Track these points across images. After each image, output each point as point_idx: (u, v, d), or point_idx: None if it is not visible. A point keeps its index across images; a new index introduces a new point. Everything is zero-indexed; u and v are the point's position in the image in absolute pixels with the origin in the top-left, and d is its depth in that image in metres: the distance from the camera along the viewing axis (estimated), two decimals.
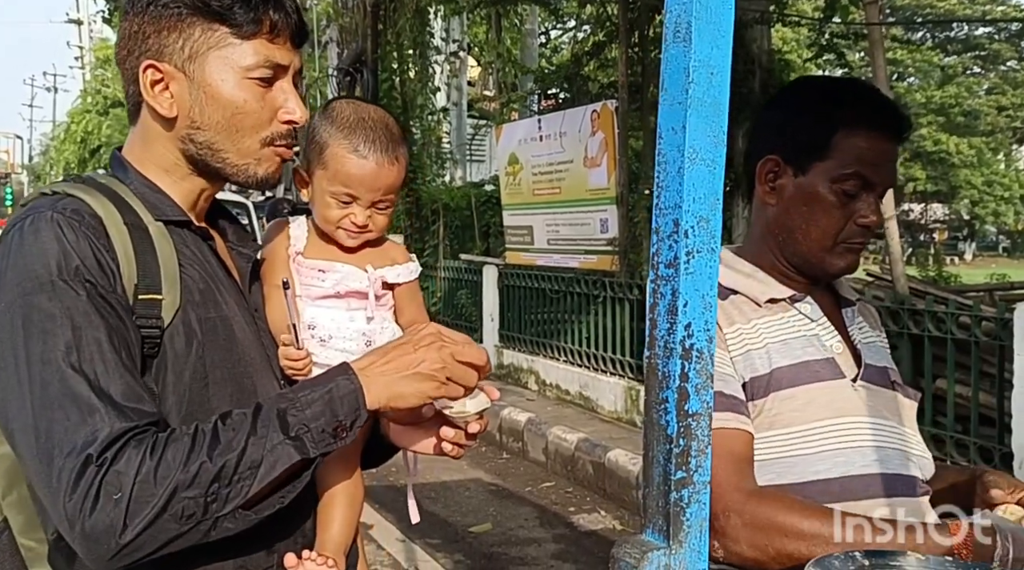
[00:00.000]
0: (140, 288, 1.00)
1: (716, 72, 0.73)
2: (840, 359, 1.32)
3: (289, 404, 0.97)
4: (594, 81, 10.20)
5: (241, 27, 1.05)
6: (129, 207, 1.05)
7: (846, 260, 1.34)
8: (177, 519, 0.89)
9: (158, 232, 1.05)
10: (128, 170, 1.11)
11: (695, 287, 0.73)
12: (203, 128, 1.08)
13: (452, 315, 9.23)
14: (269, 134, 1.10)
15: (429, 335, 1.04)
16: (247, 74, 1.06)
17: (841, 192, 1.30)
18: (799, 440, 1.26)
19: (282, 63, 1.09)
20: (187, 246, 1.09)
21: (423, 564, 4.26)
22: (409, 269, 1.29)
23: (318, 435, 0.96)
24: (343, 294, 1.23)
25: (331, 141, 1.21)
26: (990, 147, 33.63)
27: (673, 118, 0.74)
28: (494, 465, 6.05)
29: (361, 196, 1.21)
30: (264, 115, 1.09)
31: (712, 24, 0.72)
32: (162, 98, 1.07)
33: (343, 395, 0.98)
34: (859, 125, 1.30)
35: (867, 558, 0.86)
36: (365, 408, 1.00)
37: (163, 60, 1.06)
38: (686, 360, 0.73)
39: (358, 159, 1.20)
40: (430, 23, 11.46)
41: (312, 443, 0.96)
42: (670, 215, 0.74)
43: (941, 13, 28.17)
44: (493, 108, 14.74)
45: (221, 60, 1.06)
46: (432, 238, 10.19)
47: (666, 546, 0.72)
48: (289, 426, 0.95)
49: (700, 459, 0.73)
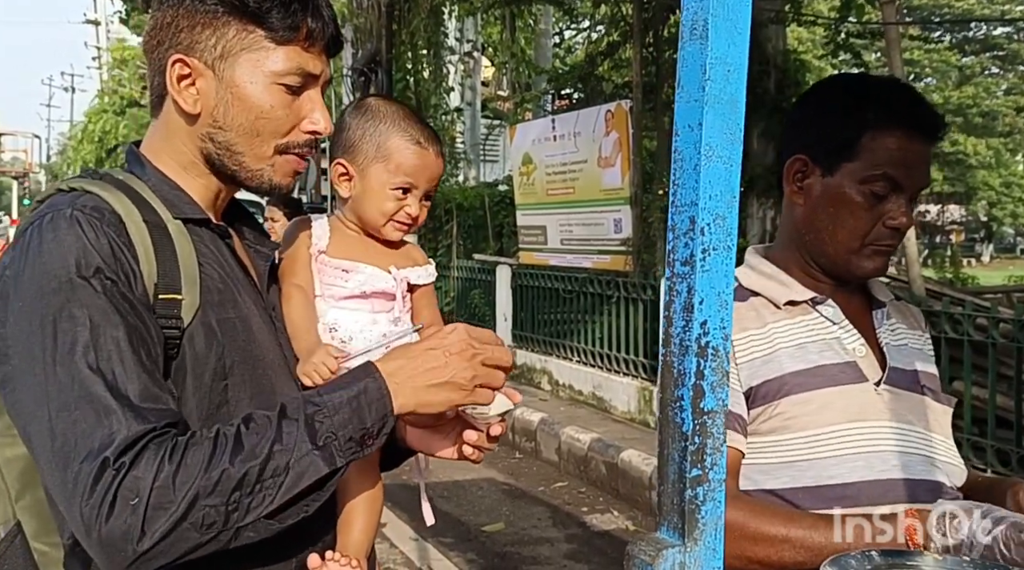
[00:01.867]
0: (160, 288, 0.98)
1: (733, 69, 0.72)
2: (863, 362, 1.30)
3: (316, 409, 0.94)
4: (608, 81, 10.18)
5: (277, 32, 1.04)
6: (148, 204, 1.03)
7: (874, 262, 1.32)
8: (197, 528, 0.87)
9: (177, 230, 1.03)
10: (145, 166, 1.09)
11: (711, 284, 0.73)
12: (225, 128, 1.06)
13: (465, 315, 9.23)
14: (287, 142, 1.08)
15: (459, 341, 1.02)
16: (277, 79, 1.05)
17: (869, 193, 1.28)
18: (814, 444, 1.25)
19: (313, 72, 1.08)
20: (205, 245, 1.07)
21: (436, 563, 4.27)
22: (428, 271, 1.31)
23: (345, 443, 0.94)
24: (368, 295, 1.23)
25: (391, 134, 1.24)
26: (1008, 148, 33.30)
27: (690, 115, 0.73)
28: (507, 465, 6.05)
29: (420, 186, 1.26)
30: (287, 123, 1.07)
31: (729, 21, 0.72)
32: (187, 93, 1.05)
33: (371, 401, 0.96)
34: (889, 125, 1.27)
35: (883, 557, 0.86)
36: (393, 415, 0.98)
37: (193, 55, 1.04)
38: (702, 358, 0.73)
39: (421, 150, 1.25)
40: (444, 23, 11.49)
41: (339, 452, 0.93)
42: (686, 212, 0.74)
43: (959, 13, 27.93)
44: (507, 108, 14.74)
45: (253, 63, 1.04)
46: (446, 238, 10.21)
47: (681, 544, 0.72)
48: (317, 434, 0.92)
49: (715, 457, 0.73)
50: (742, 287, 1.35)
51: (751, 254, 1.42)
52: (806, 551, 1.13)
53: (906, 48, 21.84)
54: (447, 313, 9.60)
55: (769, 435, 1.26)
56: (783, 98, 7.34)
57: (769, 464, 1.26)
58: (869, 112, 1.29)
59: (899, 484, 1.24)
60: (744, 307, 1.32)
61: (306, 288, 1.21)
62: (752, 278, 1.36)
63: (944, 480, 1.28)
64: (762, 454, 1.26)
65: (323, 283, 1.22)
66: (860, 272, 1.33)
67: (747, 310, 1.32)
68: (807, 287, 1.34)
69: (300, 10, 1.04)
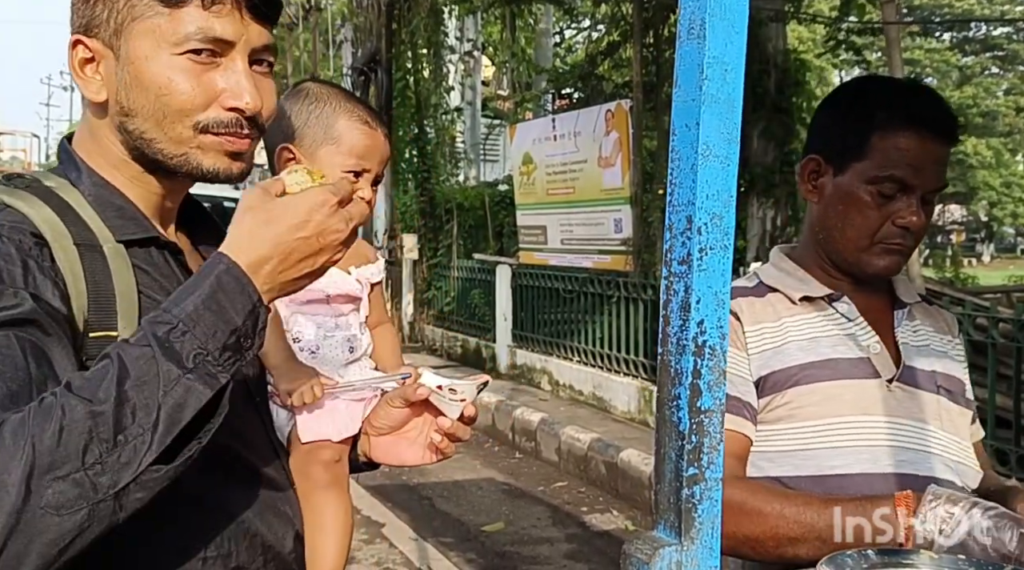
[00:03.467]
0: (91, 324, 0.85)
1: (730, 69, 0.72)
2: (877, 359, 1.32)
3: (170, 327, 0.77)
4: (608, 81, 10.18)
5: None
6: (81, 222, 0.89)
7: (884, 260, 1.32)
8: (55, 509, 0.69)
9: (114, 253, 0.90)
10: (81, 169, 0.95)
11: (708, 284, 0.73)
12: (131, 114, 0.91)
13: (465, 315, 9.24)
14: (203, 119, 0.91)
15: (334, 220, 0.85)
16: (176, 50, 0.89)
17: (877, 193, 1.29)
18: (818, 434, 1.27)
19: (223, 37, 0.90)
20: (151, 266, 0.94)
21: (435, 563, 4.27)
22: (380, 267, 1.28)
23: (220, 355, 0.78)
24: (331, 298, 1.19)
25: (339, 116, 1.19)
26: (1008, 148, 33.29)
27: (687, 114, 0.74)
28: (507, 465, 6.05)
29: (372, 168, 1.21)
30: (197, 98, 0.90)
31: (726, 20, 0.72)
32: (92, 80, 0.92)
33: (232, 294, 0.80)
34: (897, 126, 1.29)
35: (880, 556, 0.86)
36: (262, 303, 0.82)
37: (91, 35, 0.91)
38: (699, 357, 0.73)
39: (370, 130, 1.20)
40: (444, 22, 11.48)
41: (217, 366, 0.78)
42: (683, 212, 0.74)
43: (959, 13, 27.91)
44: (507, 108, 14.74)
45: (146, 34, 0.89)
46: (446, 238, 10.21)
47: (677, 542, 0.72)
48: (182, 355, 0.76)
49: (712, 455, 0.73)
50: (762, 283, 1.39)
51: (775, 252, 1.46)
52: (800, 526, 1.14)
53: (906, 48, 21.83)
54: (447, 313, 9.61)
55: (776, 423, 1.29)
56: (783, 97, 7.35)
57: (775, 452, 1.28)
58: (879, 112, 1.30)
59: (903, 479, 1.24)
60: (761, 302, 1.36)
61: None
62: (772, 275, 1.40)
63: (954, 479, 1.28)
64: (768, 442, 1.29)
65: None
66: (871, 269, 1.34)
67: (764, 305, 1.35)
68: (824, 284, 1.36)
69: None
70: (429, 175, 10.52)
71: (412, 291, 10.20)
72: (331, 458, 1.14)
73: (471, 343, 8.97)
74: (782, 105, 7.32)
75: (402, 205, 10.58)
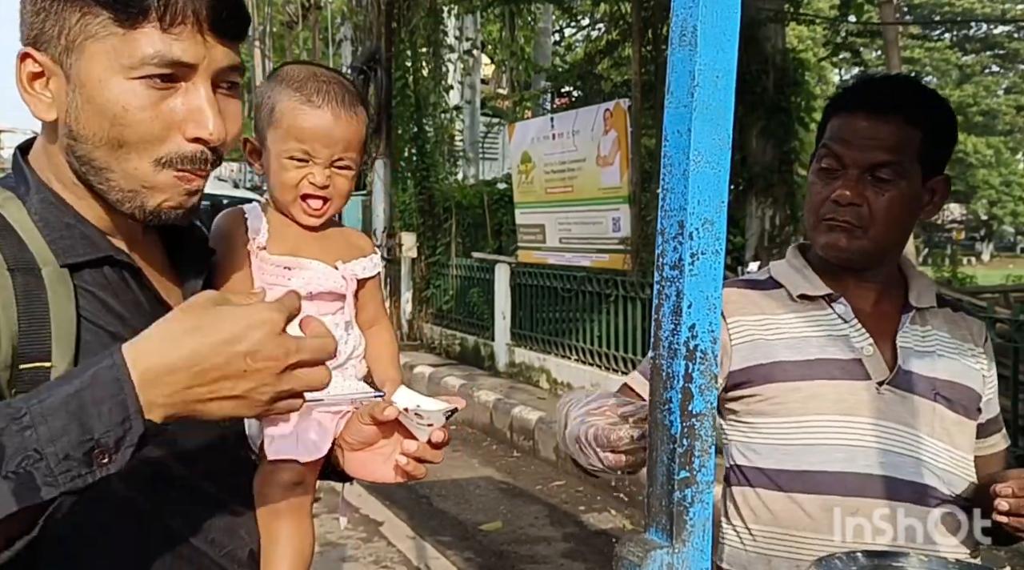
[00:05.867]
0: (23, 355, 0.78)
1: (721, 76, 0.73)
2: (869, 361, 1.32)
3: (12, 419, 0.66)
4: (607, 80, 10.19)
5: (121, 12, 0.81)
6: (20, 242, 0.83)
7: (826, 237, 1.34)
8: None
9: (53, 277, 0.83)
10: (31, 183, 0.88)
11: (700, 289, 0.74)
12: (80, 139, 0.85)
13: (464, 313, 9.24)
14: (166, 154, 0.85)
15: (273, 346, 0.72)
16: (131, 74, 0.82)
17: (820, 170, 1.35)
18: (797, 431, 1.30)
19: (184, 60, 0.83)
20: (102, 289, 0.87)
21: (433, 561, 4.28)
22: (375, 261, 1.18)
23: (58, 465, 0.65)
24: (313, 296, 1.09)
25: (281, 97, 1.09)
26: (1008, 147, 33.29)
27: (679, 121, 0.74)
28: (505, 463, 6.06)
29: (318, 153, 1.09)
30: (155, 127, 0.84)
31: (718, 28, 0.72)
32: (41, 96, 0.86)
33: (101, 398, 0.68)
34: (837, 109, 1.37)
35: (869, 558, 0.87)
36: (141, 418, 0.69)
37: (40, 49, 0.84)
38: (690, 361, 0.73)
39: (312, 109, 1.08)
40: (444, 21, 11.48)
41: (46, 478, 0.65)
42: (675, 217, 0.74)
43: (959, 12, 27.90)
44: (506, 106, 14.73)
45: (100, 55, 0.82)
46: (444, 236, 10.21)
47: (669, 545, 0.73)
48: (4, 456, 0.64)
49: (703, 459, 0.74)
50: (771, 278, 1.43)
51: (791, 248, 1.49)
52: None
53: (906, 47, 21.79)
54: (446, 311, 9.62)
55: (760, 416, 1.32)
56: (782, 97, 7.34)
57: (760, 443, 1.33)
58: (838, 101, 1.39)
59: (880, 481, 1.26)
60: (762, 296, 1.40)
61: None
62: (782, 270, 1.43)
63: (937, 486, 1.28)
64: (754, 433, 1.34)
65: (264, 283, 1.08)
66: (820, 249, 1.37)
67: (765, 299, 1.39)
68: (828, 282, 1.38)
69: None
70: (428, 173, 10.52)
71: (411, 289, 10.21)
72: (290, 480, 1.03)
73: (469, 341, 8.97)
74: (781, 104, 7.31)
75: (401, 203, 10.58)
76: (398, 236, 10.23)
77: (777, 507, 1.30)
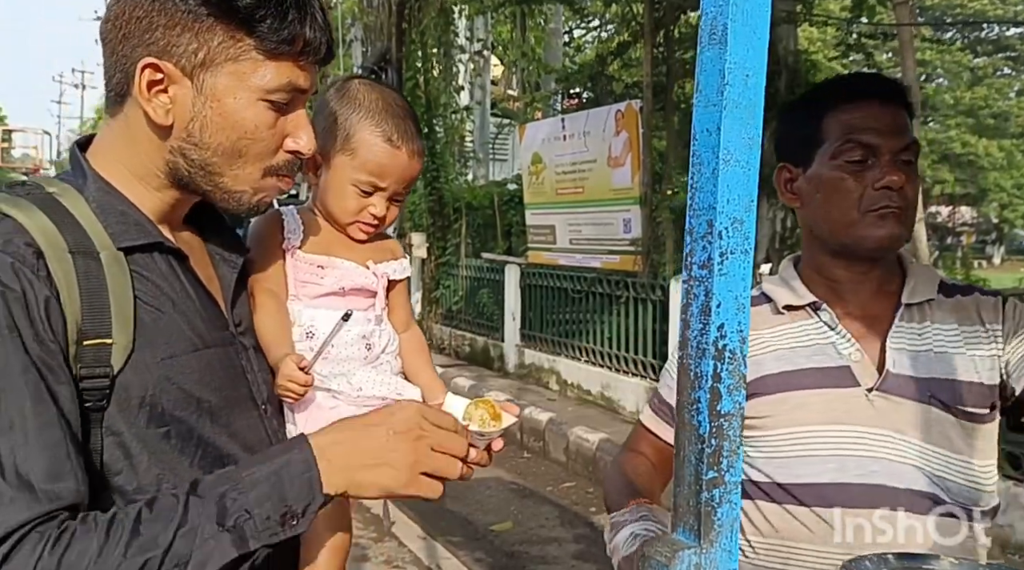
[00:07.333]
0: (85, 332, 0.86)
1: (751, 74, 0.73)
2: (857, 367, 1.29)
3: (230, 486, 0.83)
4: (618, 81, 10.18)
5: (269, 44, 0.91)
6: (79, 229, 0.90)
7: (881, 229, 1.26)
8: None
9: (111, 260, 0.90)
10: (88, 174, 0.95)
11: (728, 288, 0.73)
12: (201, 146, 0.94)
13: (474, 314, 9.25)
14: (272, 163, 0.97)
15: (406, 420, 0.91)
16: (265, 96, 0.93)
17: (846, 164, 1.28)
18: (788, 443, 1.28)
19: (303, 87, 0.96)
20: (152, 272, 0.94)
21: (444, 562, 4.28)
22: (404, 265, 1.23)
23: (262, 523, 0.83)
24: (346, 292, 1.14)
25: (361, 127, 1.13)
26: (1020, 149, 33.08)
27: (708, 120, 0.74)
28: (515, 464, 6.05)
29: (388, 187, 1.15)
30: (272, 143, 0.96)
31: (748, 27, 0.72)
32: (157, 102, 0.92)
33: (294, 476, 0.85)
34: (841, 100, 1.31)
35: (899, 561, 0.86)
36: (321, 492, 0.86)
37: (168, 59, 0.91)
38: (719, 361, 0.73)
39: (392, 149, 1.14)
40: (454, 22, 11.50)
41: (255, 531, 0.82)
42: (704, 216, 0.74)
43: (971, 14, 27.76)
44: (516, 107, 14.74)
45: (238, 75, 0.92)
46: (454, 237, 10.22)
47: (696, 545, 0.73)
48: (227, 513, 0.82)
49: (731, 459, 0.73)
50: (763, 293, 1.40)
51: (784, 260, 1.46)
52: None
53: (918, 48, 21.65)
54: (455, 312, 9.62)
55: (751, 431, 1.30)
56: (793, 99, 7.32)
57: (754, 457, 1.31)
58: (825, 99, 1.34)
59: (877, 490, 1.23)
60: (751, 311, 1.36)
61: (278, 292, 1.11)
62: (772, 284, 1.40)
63: (936, 492, 1.23)
64: (749, 447, 1.32)
65: (297, 281, 1.13)
66: (869, 243, 1.28)
67: (752, 315, 1.36)
68: (816, 290, 1.35)
69: (297, 20, 0.92)
70: (438, 174, 10.53)
71: (420, 289, 10.22)
72: None
73: (479, 342, 8.97)
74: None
75: (411, 204, 10.59)
76: (408, 236, 10.24)
77: (775, 519, 1.28)
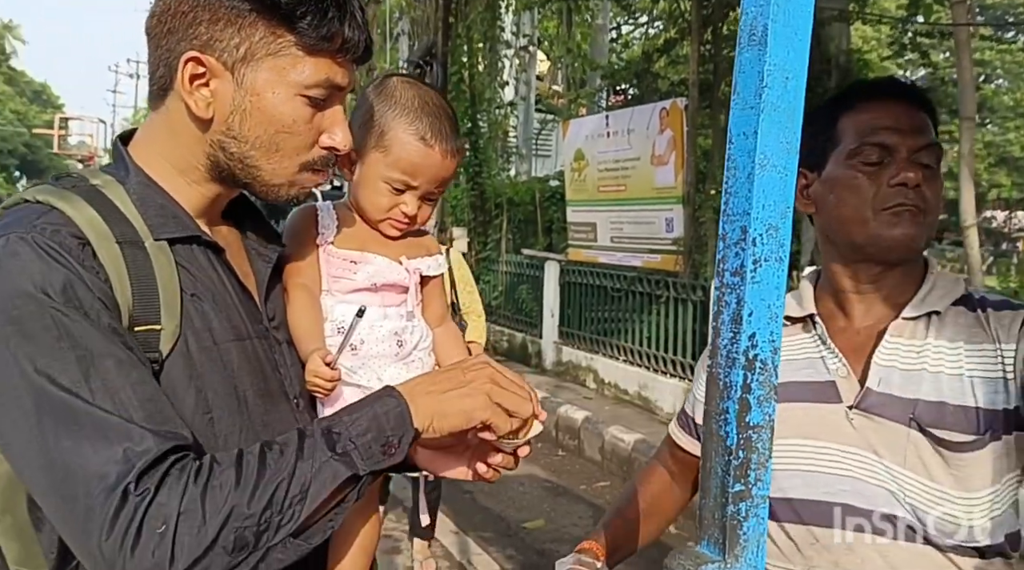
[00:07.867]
0: (136, 318, 0.89)
1: (792, 77, 0.70)
2: (842, 383, 1.25)
3: (333, 422, 0.91)
4: (664, 78, 10.07)
5: (309, 40, 0.94)
6: (124, 220, 0.93)
7: (897, 228, 1.21)
8: (228, 551, 0.81)
9: (156, 250, 0.93)
10: (130, 168, 0.98)
11: (761, 297, 0.71)
12: (239, 139, 0.96)
13: (512, 310, 9.25)
14: (309, 158, 1.00)
15: (480, 362, 0.98)
16: (303, 91, 0.96)
17: (861, 164, 1.24)
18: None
19: (341, 84, 0.98)
20: (192, 263, 0.97)
21: (476, 557, 4.29)
22: (439, 261, 1.22)
23: (365, 451, 0.90)
24: (378, 287, 1.14)
25: (395, 124, 1.13)
26: None
27: (744, 123, 0.72)
28: (549, 462, 6.04)
29: (420, 186, 1.15)
30: (308, 138, 0.98)
31: (789, 27, 0.70)
32: (200, 95, 0.95)
33: (388, 411, 0.92)
34: (857, 102, 1.28)
35: None
36: (412, 425, 0.92)
37: (210, 53, 0.93)
38: (749, 371, 0.71)
39: (425, 147, 1.13)
40: (501, 17, 11.50)
41: (360, 458, 0.89)
42: (738, 222, 0.72)
43: None
44: (561, 103, 14.69)
45: (277, 70, 0.94)
46: (495, 232, 10.23)
47: (721, 559, 0.71)
48: (336, 442, 0.89)
49: (760, 472, 0.71)
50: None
51: (810, 269, 1.44)
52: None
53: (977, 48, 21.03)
54: (494, 307, 9.64)
55: None
56: None
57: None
58: (839, 103, 1.31)
59: (844, 509, 1.19)
60: None
61: (311, 286, 1.12)
62: (789, 293, 1.38)
63: (906, 516, 1.16)
64: None
65: (330, 276, 1.13)
66: (887, 242, 1.22)
67: None
68: (818, 302, 1.34)
69: (337, 18, 0.94)
70: (481, 169, 10.55)
71: None
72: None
73: (517, 338, 8.98)
74: None
75: (453, 198, 10.63)
76: (449, 230, 10.28)
77: None
